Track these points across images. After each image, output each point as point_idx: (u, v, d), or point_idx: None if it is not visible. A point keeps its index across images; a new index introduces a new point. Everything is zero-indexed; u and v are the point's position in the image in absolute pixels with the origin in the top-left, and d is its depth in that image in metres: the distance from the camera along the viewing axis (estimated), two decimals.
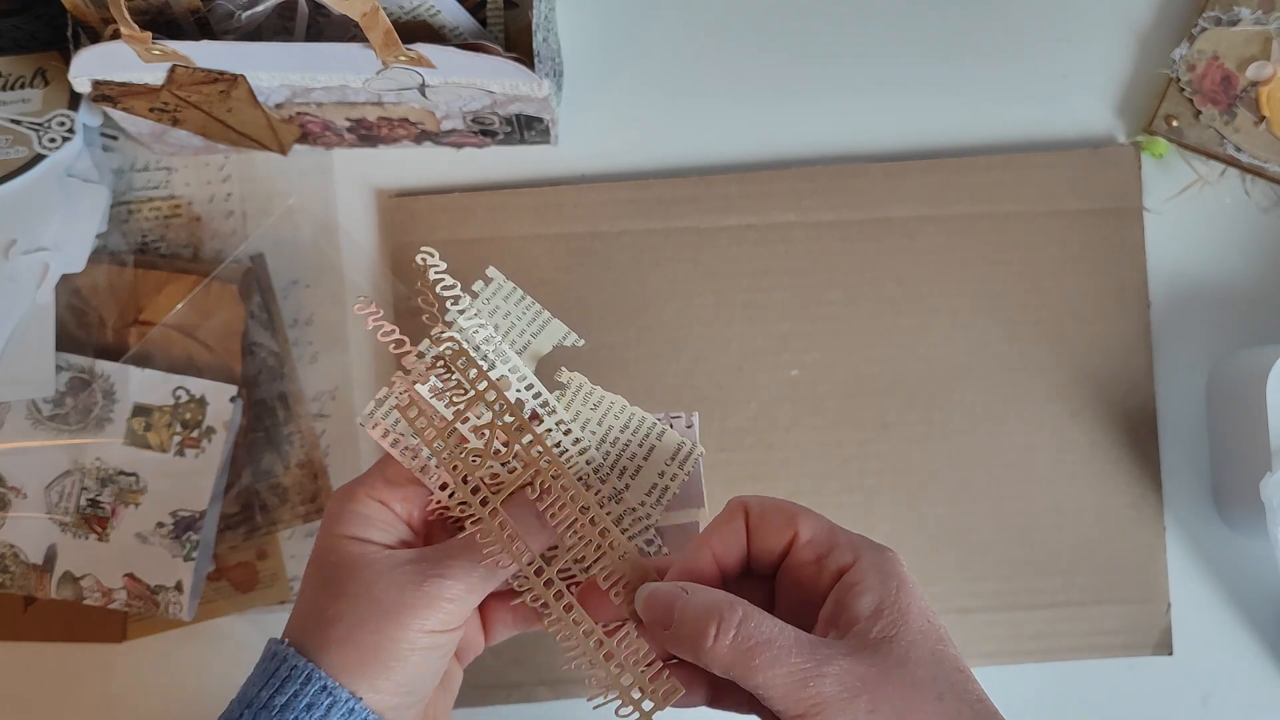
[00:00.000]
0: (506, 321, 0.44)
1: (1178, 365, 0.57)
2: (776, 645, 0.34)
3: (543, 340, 0.44)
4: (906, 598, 0.35)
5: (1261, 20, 0.55)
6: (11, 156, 0.54)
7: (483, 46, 0.48)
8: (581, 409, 0.43)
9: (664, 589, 0.37)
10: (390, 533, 0.40)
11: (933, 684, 0.34)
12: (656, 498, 0.43)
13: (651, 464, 0.43)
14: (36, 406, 0.54)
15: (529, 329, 0.44)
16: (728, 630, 0.34)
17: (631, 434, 0.43)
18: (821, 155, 0.58)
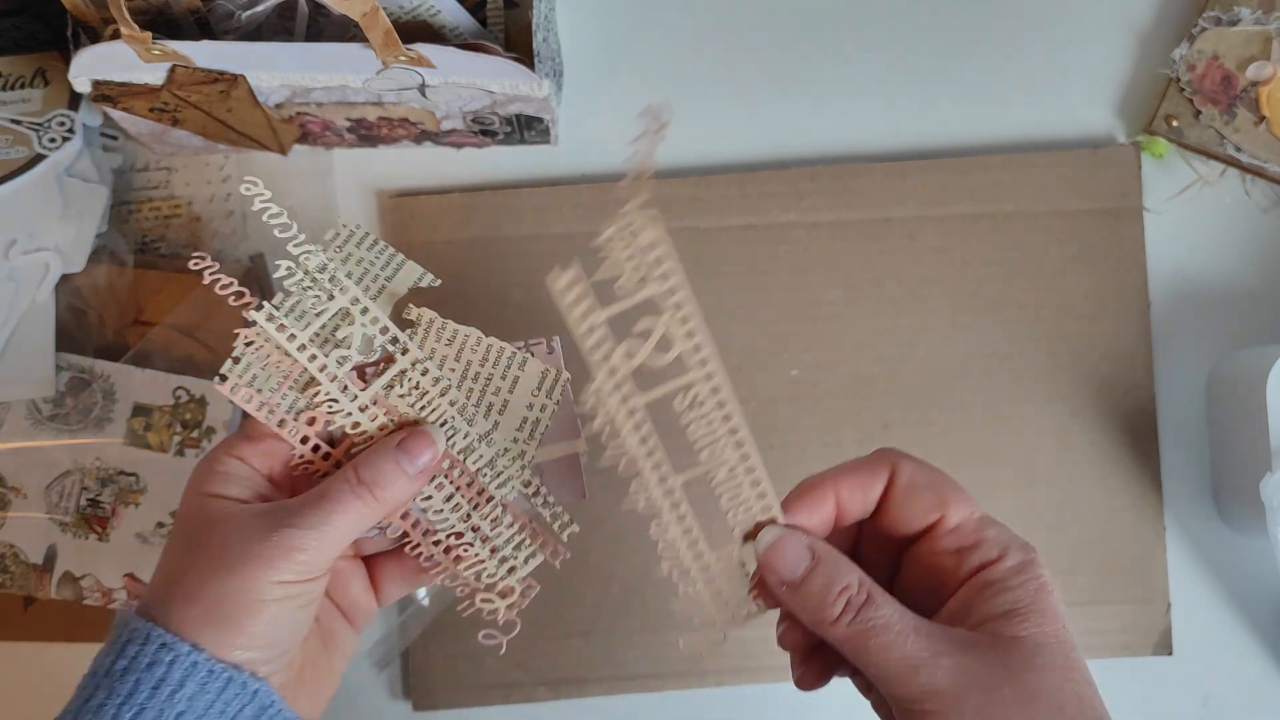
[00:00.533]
0: (360, 268, 0.42)
1: (1178, 365, 0.57)
2: (895, 630, 0.33)
3: (398, 281, 0.42)
4: (1045, 600, 0.34)
5: (1261, 20, 0.55)
6: (11, 156, 0.54)
7: (483, 46, 0.48)
8: (436, 345, 0.41)
9: (793, 547, 0.36)
10: (248, 487, 0.38)
11: (1056, 694, 0.33)
12: (529, 433, 0.41)
13: (518, 397, 0.41)
14: (36, 406, 0.54)
15: (383, 273, 0.42)
16: (851, 610, 0.34)
17: (493, 367, 0.41)
18: (821, 155, 0.58)
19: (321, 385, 0.38)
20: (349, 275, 0.40)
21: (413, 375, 0.40)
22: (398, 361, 0.40)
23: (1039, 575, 0.35)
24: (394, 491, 0.38)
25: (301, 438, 0.39)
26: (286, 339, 0.38)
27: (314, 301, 0.39)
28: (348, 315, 0.39)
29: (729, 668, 0.56)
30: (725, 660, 0.56)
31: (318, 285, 0.39)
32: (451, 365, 0.41)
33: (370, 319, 0.39)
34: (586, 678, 0.56)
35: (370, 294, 0.41)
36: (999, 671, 0.32)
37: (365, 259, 0.42)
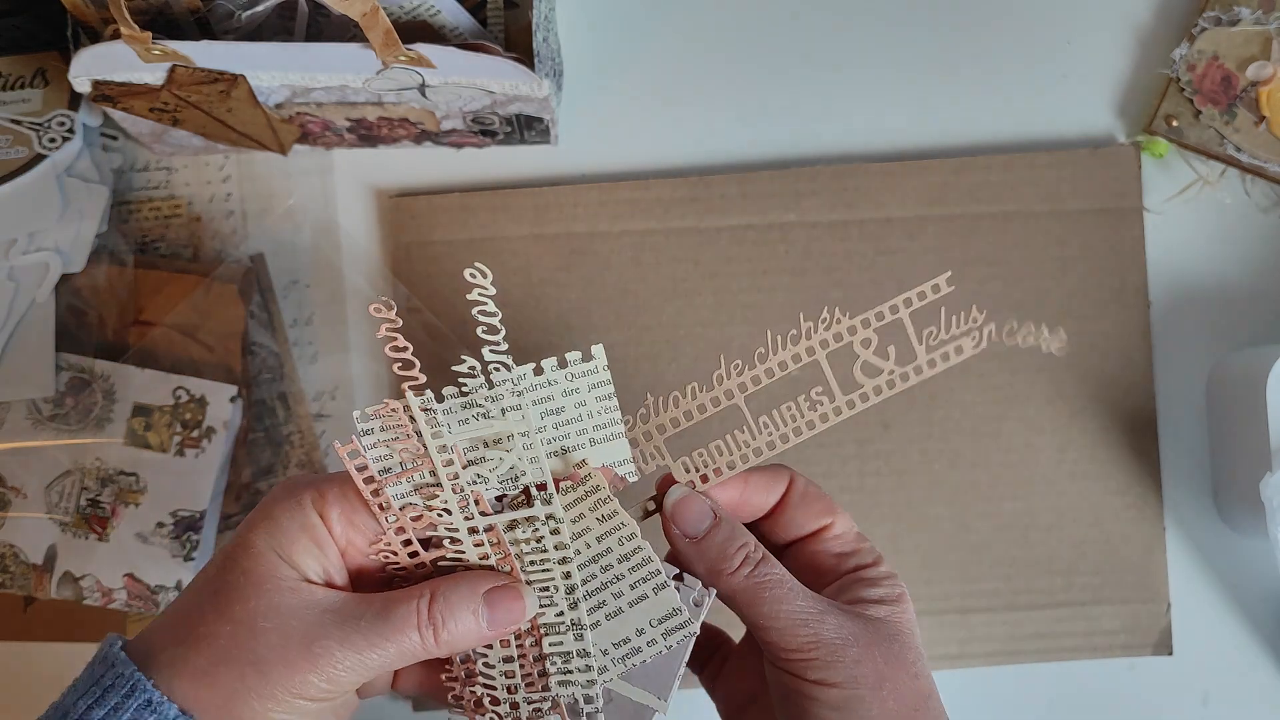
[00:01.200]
0: (576, 410, 0.37)
1: (1178, 365, 0.57)
2: (787, 586, 0.37)
3: (598, 451, 0.38)
4: (905, 604, 0.39)
5: (1261, 20, 0.55)
6: (11, 156, 0.54)
7: (483, 46, 0.48)
8: (586, 515, 0.37)
9: (698, 504, 0.38)
10: (318, 558, 0.35)
11: (911, 666, 0.37)
12: (622, 655, 0.37)
13: (634, 614, 0.37)
14: (36, 406, 0.54)
15: (592, 432, 0.37)
16: (749, 564, 0.37)
17: (629, 570, 0.37)
18: (821, 155, 0.58)
19: (443, 491, 0.35)
20: (558, 411, 0.37)
21: (541, 528, 0.36)
22: (535, 506, 0.36)
23: (902, 586, 0.39)
24: (460, 639, 0.35)
25: (399, 528, 0.36)
26: (432, 434, 0.35)
27: (481, 410, 0.36)
28: (507, 441, 0.36)
29: None
30: None
31: (495, 399, 0.36)
32: (589, 542, 0.37)
33: (530, 456, 0.36)
34: None
35: (561, 442, 0.37)
36: (870, 635, 0.37)
37: (587, 405, 0.37)
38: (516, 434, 0.36)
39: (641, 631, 0.37)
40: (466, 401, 0.36)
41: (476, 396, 0.36)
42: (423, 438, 0.35)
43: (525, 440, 0.36)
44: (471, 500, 0.36)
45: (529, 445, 0.36)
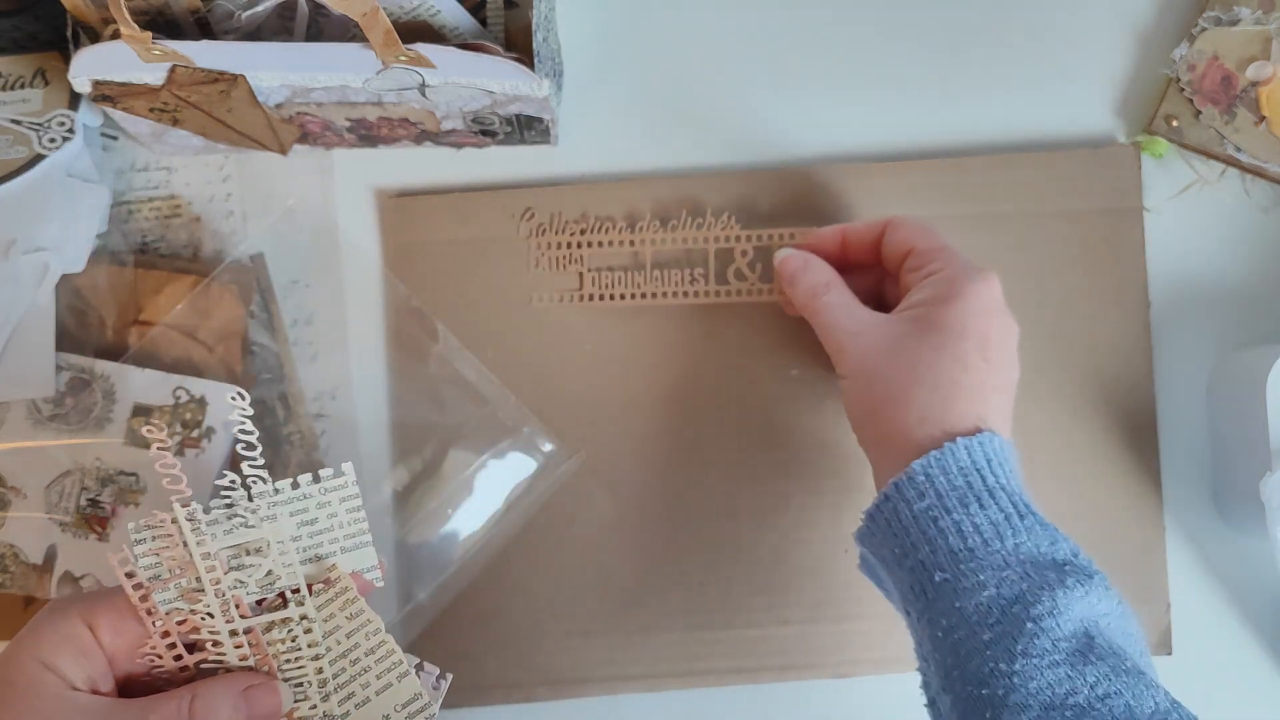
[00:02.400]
0: (328, 520, 0.42)
1: (1178, 365, 0.57)
2: (836, 308, 0.48)
3: (348, 559, 0.42)
4: (950, 307, 0.45)
5: (1261, 20, 0.55)
6: (11, 156, 0.54)
7: (483, 46, 0.48)
8: (336, 614, 0.41)
9: (794, 257, 0.51)
10: (84, 666, 0.37)
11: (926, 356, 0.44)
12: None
13: (380, 702, 0.41)
14: (36, 406, 0.54)
15: (343, 541, 0.42)
16: (814, 294, 0.49)
17: (374, 661, 0.41)
18: (821, 155, 0.58)
19: (205, 596, 0.39)
20: (311, 521, 0.41)
21: (295, 628, 0.40)
22: (288, 608, 0.40)
23: (954, 284, 0.45)
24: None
25: (164, 632, 0.39)
26: (196, 542, 0.39)
27: (242, 520, 0.40)
28: (265, 547, 0.40)
29: (729, 668, 0.56)
30: (726, 660, 0.56)
31: (250, 512, 0.40)
32: (339, 640, 0.41)
33: (285, 561, 0.40)
34: (587, 677, 0.56)
35: (314, 550, 0.41)
36: (895, 343, 0.45)
37: (338, 517, 0.42)
38: (273, 542, 0.40)
39: (388, 717, 0.41)
40: (229, 513, 0.40)
41: (238, 508, 0.40)
42: (188, 546, 0.39)
43: (280, 547, 0.40)
44: (232, 604, 0.39)
45: (284, 552, 0.40)
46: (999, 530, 0.41)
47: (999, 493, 0.41)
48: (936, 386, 0.43)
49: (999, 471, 0.42)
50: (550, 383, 0.56)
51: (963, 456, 0.42)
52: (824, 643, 0.56)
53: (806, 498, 0.56)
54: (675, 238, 0.56)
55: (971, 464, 0.42)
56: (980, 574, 0.40)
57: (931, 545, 0.41)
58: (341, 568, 0.42)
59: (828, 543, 0.56)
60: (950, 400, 0.43)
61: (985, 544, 0.41)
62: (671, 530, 0.56)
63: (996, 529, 0.41)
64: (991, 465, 0.42)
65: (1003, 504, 0.41)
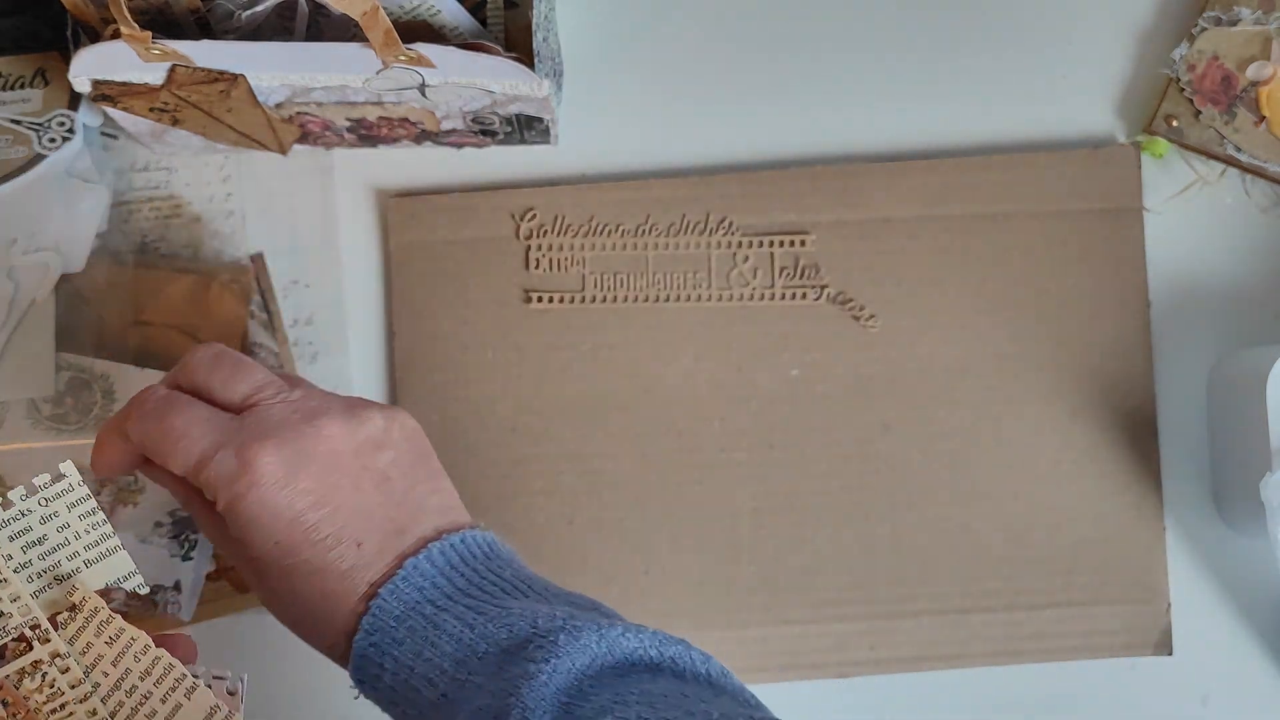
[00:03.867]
0: (60, 535, 0.35)
1: (1178, 365, 0.57)
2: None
3: (96, 572, 0.36)
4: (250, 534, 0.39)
5: (1261, 20, 0.55)
6: (11, 156, 0.54)
7: (483, 46, 0.48)
8: (94, 642, 0.35)
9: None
10: None
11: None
12: None
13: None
14: (36, 406, 0.54)
15: (84, 552, 0.36)
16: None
17: (154, 684, 0.35)
18: (822, 155, 0.58)
19: None
20: (39, 541, 0.35)
21: (49, 670, 0.34)
22: (34, 649, 0.34)
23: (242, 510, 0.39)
24: None
25: None
26: None
27: None
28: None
29: (731, 668, 0.56)
30: (725, 660, 0.56)
31: None
32: (105, 670, 0.35)
33: (10, 594, 0.34)
34: None
35: (53, 573, 0.35)
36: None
37: (71, 527, 0.36)
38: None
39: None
40: None
41: None
42: None
43: (1, 579, 0.34)
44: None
45: (5, 584, 0.34)
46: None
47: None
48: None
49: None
50: (550, 383, 0.56)
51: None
52: (824, 643, 0.55)
53: (807, 498, 0.56)
54: (677, 241, 0.56)
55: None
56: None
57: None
58: (89, 584, 0.35)
59: (829, 543, 0.56)
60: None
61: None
62: (671, 531, 0.56)
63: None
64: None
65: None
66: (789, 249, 0.56)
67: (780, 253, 0.56)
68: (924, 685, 0.56)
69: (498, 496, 0.56)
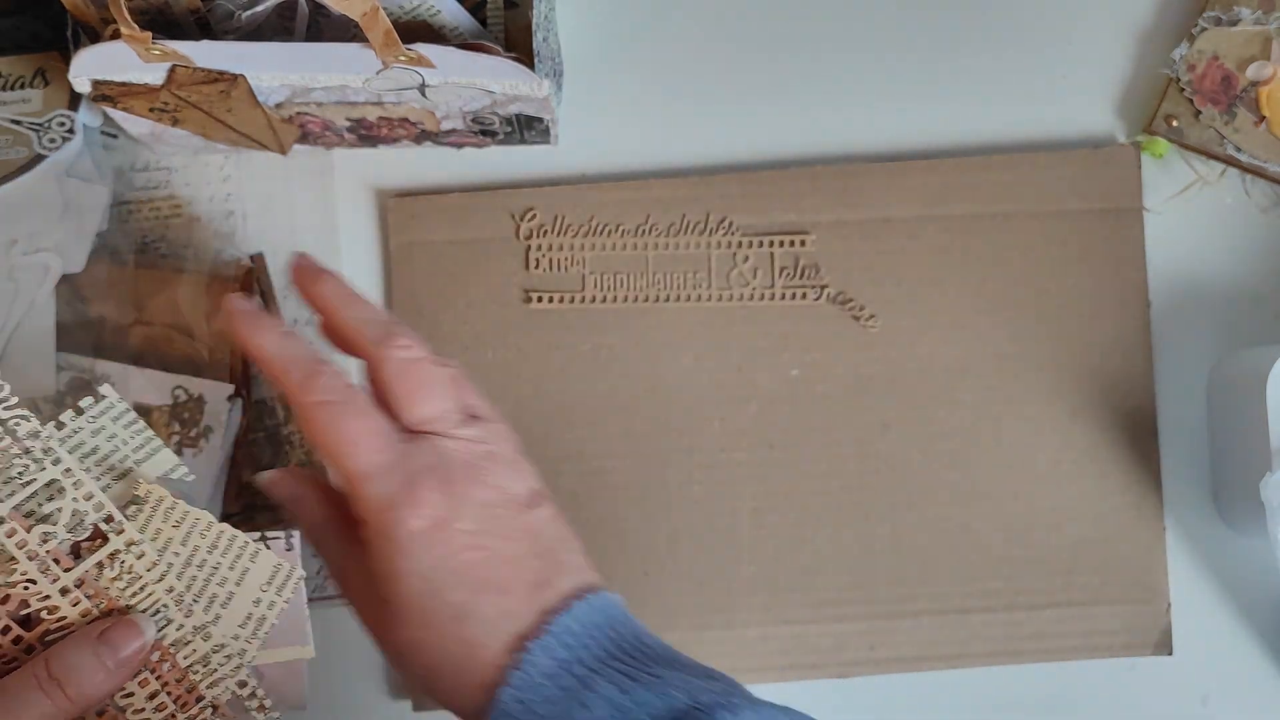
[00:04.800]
0: (110, 444, 0.39)
1: (1178, 365, 0.57)
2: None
3: (147, 468, 0.40)
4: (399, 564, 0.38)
5: (1261, 20, 0.55)
6: (11, 157, 0.54)
7: (483, 46, 0.48)
8: (162, 527, 0.38)
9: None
10: None
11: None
12: (252, 630, 0.38)
13: (245, 590, 0.38)
14: (36, 406, 0.54)
15: (133, 455, 0.40)
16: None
17: (221, 555, 0.39)
18: (822, 155, 0.58)
19: (19, 563, 0.35)
20: (93, 451, 0.38)
21: (126, 557, 0.37)
22: (110, 541, 0.37)
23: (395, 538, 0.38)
24: (90, 688, 0.34)
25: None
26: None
27: (21, 471, 0.36)
28: (59, 488, 0.37)
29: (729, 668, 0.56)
30: (726, 660, 0.56)
31: (29, 454, 0.37)
32: (176, 550, 0.38)
33: (84, 494, 0.37)
34: None
35: (111, 475, 0.39)
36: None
37: (119, 436, 0.39)
38: (61, 478, 0.37)
39: (259, 601, 0.38)
40: (6, 470, 0.37)
41: (12, 461, 0.37)
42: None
43: (74, 481, 0.37)
44: (51, 561, 0.36)
45: (79, 484, 0.37)
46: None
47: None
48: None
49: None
50: (550, 384, 0.56)
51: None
52: (824, 643, 0.56)
53: (807, 498, 0.56)
54: (677, 241, 0.57)
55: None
56: None
57: None
58: (145, 474, 0.39)
59: (829, 543, 0.56)
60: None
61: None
62: (670, 530, 0.56)
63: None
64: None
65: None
66: (789, 249, 0.56)
67: (780, 253, 0.57)
68: (924, 685, 0.56)
69: None
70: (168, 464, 0.40)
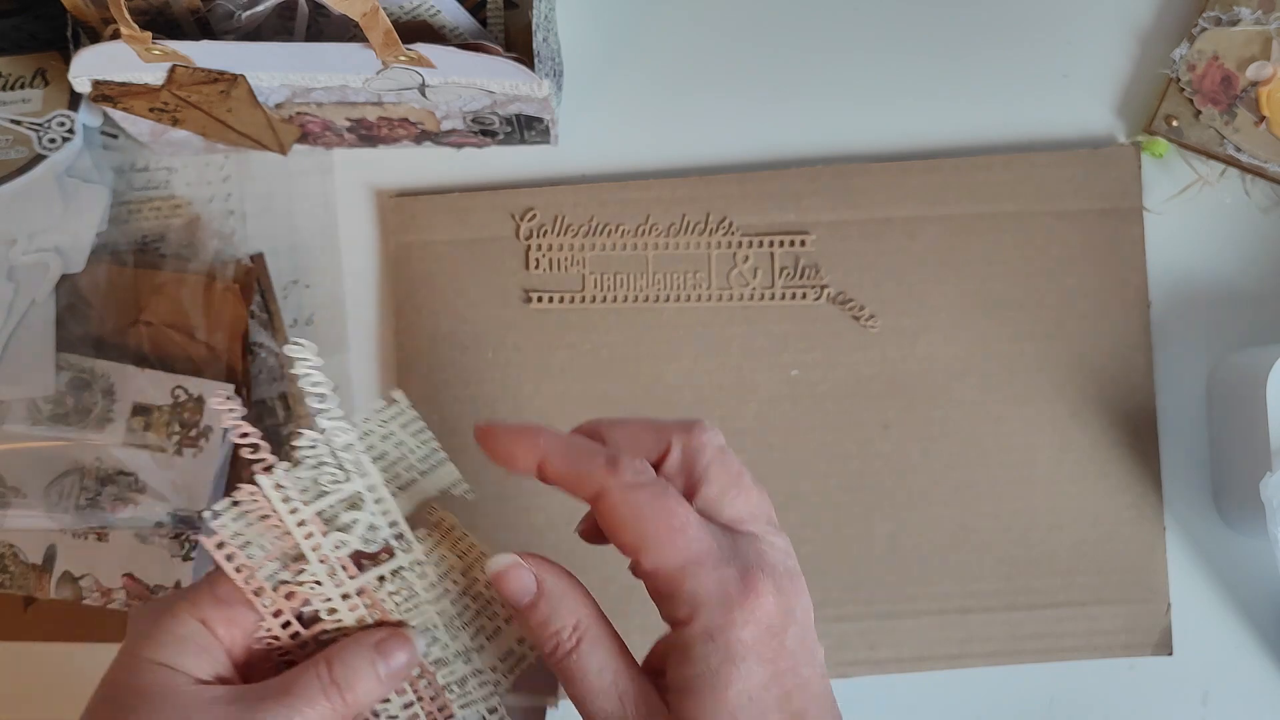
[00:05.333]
0: (397, 451, 0.39)
1: (1178, 365, 0.57)
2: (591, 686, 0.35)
3: (432, 480, 0.39)
4: (726, 675, 0.33)
5: (1261, 20, 0.55)
6: (11, 157, 0.54)
7: (483, 46, 0.48)
8: (447, 554, 0.39)
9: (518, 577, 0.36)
10: (207, 661, 0.35)
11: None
12: (510, 665, 0.39)
13: (512, 629, 0.39)
14: (36, 406, 0.54)
15: (418, 465, 0.40)
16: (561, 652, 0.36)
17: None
18: (822, 155, 0.58)
19: (309, 564, 0.37)
20: (381, 456, 0.38)
21: (409, 575, 0.38)
22: (396, 557, 0.38)
23: (729, 642, 0.33)
24: (364, 695, 0.35)
25: (275, 611, 0.37)
26: (289, 511, 0.36)
27: (329, 478, 0.37)
28: (358, 500, 0.37)
29: None
30: None
31: (337, 461, 0.37)
32: (455, 578, 0.39)
33: (382, 510, 0.38)
34: None
35: (396, 483, 0.39)
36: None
37: (406, 444, 0.39)
38: (364, 491, 0.37)
39: (522, 641, 0.39)
40: (306, 475, 0.37)
41: (323, 465, 0.37)
42: (280, 516, 0.36)
43: (373, 495, 0.37)
44: (339, 567, 0.37)
45: (379, 499, 0.37)
46: None
47: None
48: None
49: None
50: (550, 383, 0.56)
51: None
52: (824, 642, 0.55)
53: (807, 498, 0.56)
54: (677, 241, 0.57)
55: None
56: None
57: None
58: (426, 491, 0.39)
59: (829, 543, 0.56)
60: None
61: None
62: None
63: None
64: None
65: None
66: (789, 249, 0.56)
67: (780, 253, 0.57)
68: (924, 685, 0.56)
69: (497, 498, 0.56)
70: (450, 479, 0.39)
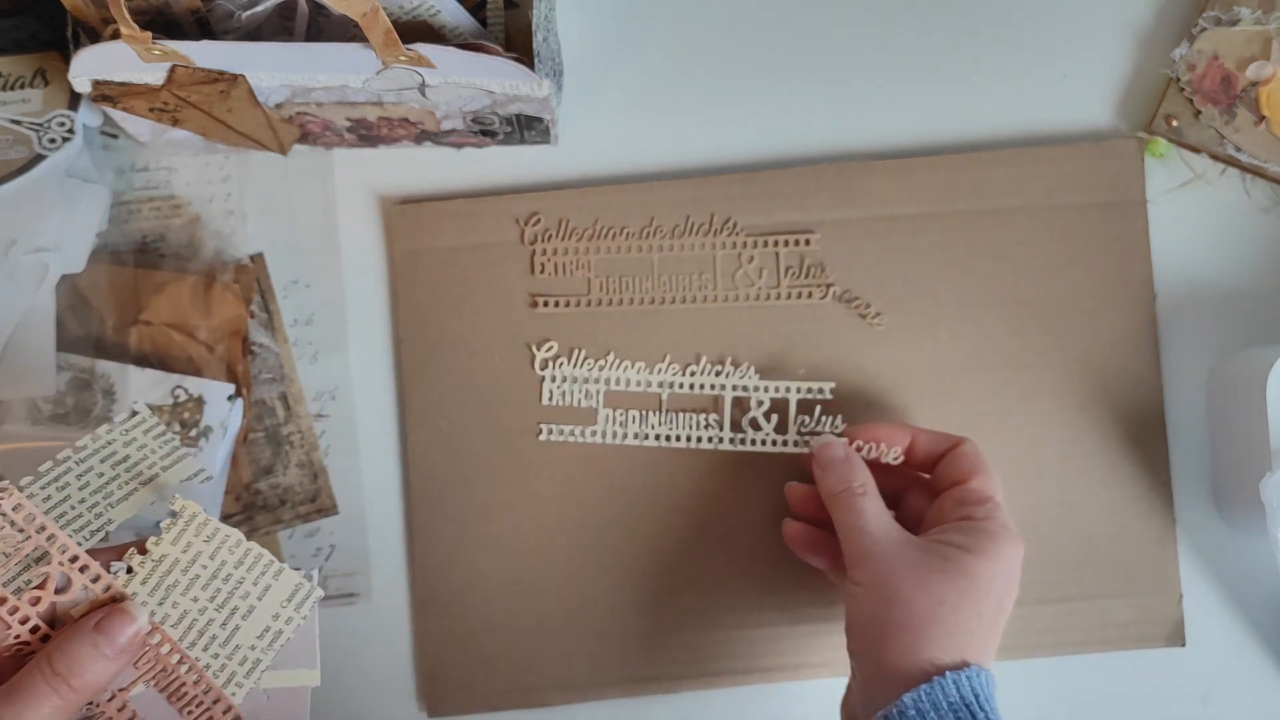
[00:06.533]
0: (140, 453, 0.43)
1: (1180, 362, 0.57)
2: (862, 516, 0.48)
3: (172, 474, 0.44)
4: (981, 559, 0.45)
5: (1261, 20, 0.55)
6: (11, 156, 0.54)
7: (483, 46, 0.48)
8: (193, 540, 0.41)
9: (836, 448, 0.51)
10: None
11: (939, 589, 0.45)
12: (268, 642, 0.41)
13: (265, 605, 0.41)
14: (36, 406, 0.54)
15: (161, 462, 0.43)
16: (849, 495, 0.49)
17: (246, 571, 0.41)
18: (825, 154, 0.58)
19: (51, 565, 0.38)
20: (124, 460, 0.43)
21: (156, 566, 0.40)
22: (146, 550, 0.40)
23: (993, 539, 0.46)
24: (93, 676, 0.36)
25: (22, 618, 0.37)
26: (23, 517, 0.38)
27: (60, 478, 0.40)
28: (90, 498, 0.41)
29: (742, 668, 0.56)
30: (738, 660, 0.56)
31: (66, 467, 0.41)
32: (203, 563, 0.41)
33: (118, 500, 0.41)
34: (600, 680, 0.55)
35: (138, 480, 0.43)
36: (921, 573, 0.45)
37: (148, 446, 0.44)
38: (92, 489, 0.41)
39: (277, 616, 0.41)
40: (47, 480, 0.40)
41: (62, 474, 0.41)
42: (11, 521, 0.38)
43: (105, 491, 0.41)
44: (77, 566, 0.38)
45: (109, 495, 0.41)
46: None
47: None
48: (953, 630, 0.44)
49: (986, 706, 0.42)
50: None
51: (951, 691, 0.42)
52: (838, 641, 0.55)
53: None
54: (682, 242, 0.56)
55: (960, 699, 0.42)
56: None
57: None
58: (168, 483, 0.43)
59: None
60: (958, 644, 0.44)
61: None
62: (682, 530, 0.56)
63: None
64: (980, 700, 0.42)
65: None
66: (794, 248, 0.56)
67: (785, 252, 0.57)
68: None
69: (506, 501, 0.56)
70: (191, 469, 0.44)
